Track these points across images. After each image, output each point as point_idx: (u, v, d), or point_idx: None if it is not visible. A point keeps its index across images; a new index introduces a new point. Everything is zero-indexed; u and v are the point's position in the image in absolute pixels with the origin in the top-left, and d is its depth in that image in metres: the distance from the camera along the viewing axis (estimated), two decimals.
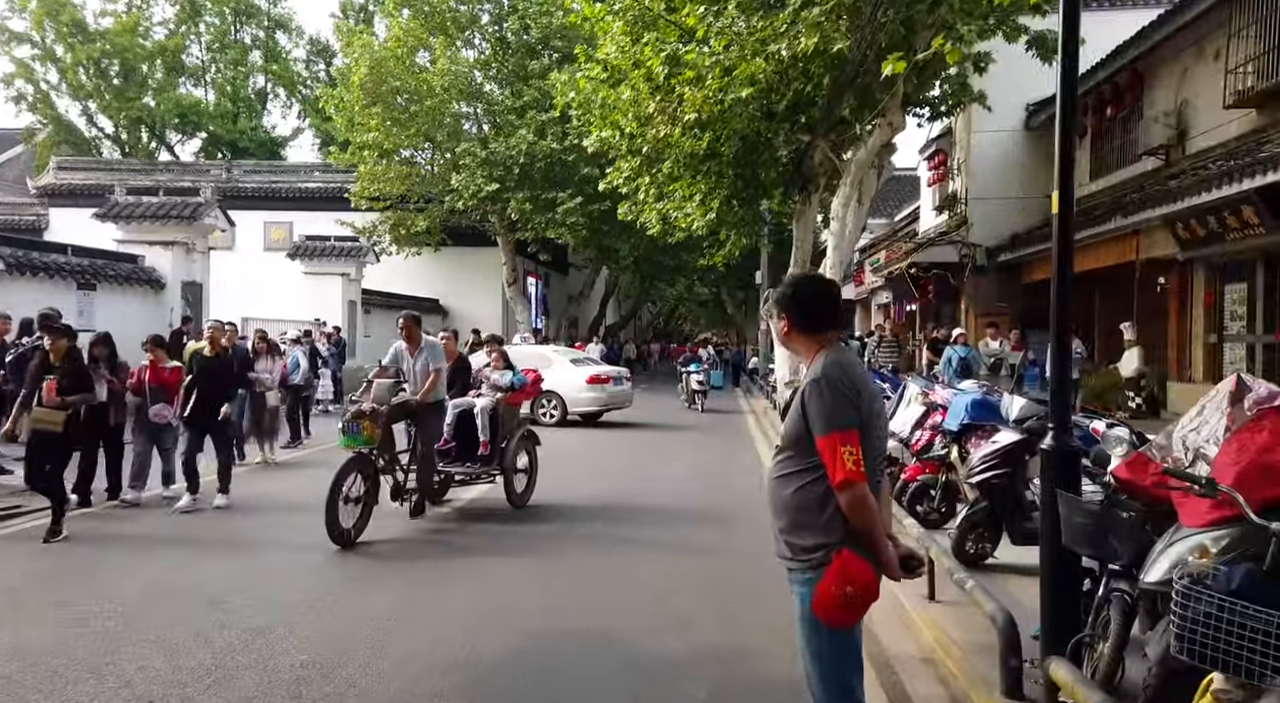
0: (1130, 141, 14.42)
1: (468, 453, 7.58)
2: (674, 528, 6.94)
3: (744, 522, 7.00)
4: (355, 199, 24.03)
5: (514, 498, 7.55)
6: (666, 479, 9.35)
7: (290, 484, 8.84)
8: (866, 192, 13.42)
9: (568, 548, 6.26)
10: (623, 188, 17.09)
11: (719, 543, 6.48)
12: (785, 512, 2.47)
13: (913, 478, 6.56)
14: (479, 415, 7.58)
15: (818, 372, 2.42)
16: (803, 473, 2.43)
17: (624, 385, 15.80)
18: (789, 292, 2.62)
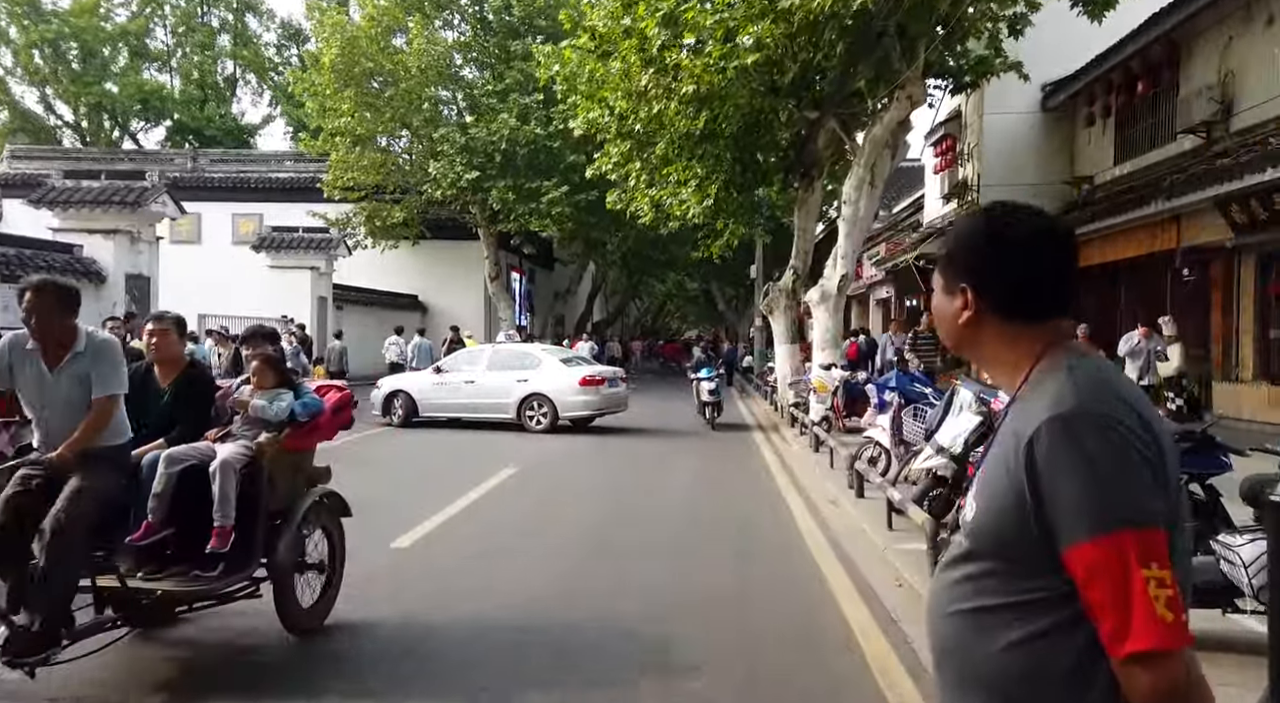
0: (1162, 120, 13.33)
1: (193, 548, 3.87)
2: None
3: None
4: (328, 189, 22.67)
5: (294, 618, 4.12)
6: (660, 522, 8.10)
7: None
8: (880, 174, 12.26)
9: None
10: (611, 174, 15.86)
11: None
12: (987, 685, 1.23)
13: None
14: (216, 478, 3.88)
15: (1069, 403, 1.18)
16: (1028, 611, 1.20)
17: (619, 388, 14.52)
18: (981, 239, 1.35)
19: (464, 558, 5.71)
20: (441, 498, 7.54)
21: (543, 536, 6.37)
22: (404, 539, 6.10)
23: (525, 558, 5.72)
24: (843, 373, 11.31)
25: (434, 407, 14.02)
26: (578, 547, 6.04)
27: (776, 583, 5.18)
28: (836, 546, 6.11)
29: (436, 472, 9.42)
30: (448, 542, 6.16)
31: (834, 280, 12.05)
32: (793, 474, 9.29)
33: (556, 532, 6.48)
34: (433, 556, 5.76)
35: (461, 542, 6.15)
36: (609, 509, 7.36)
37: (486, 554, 5.82)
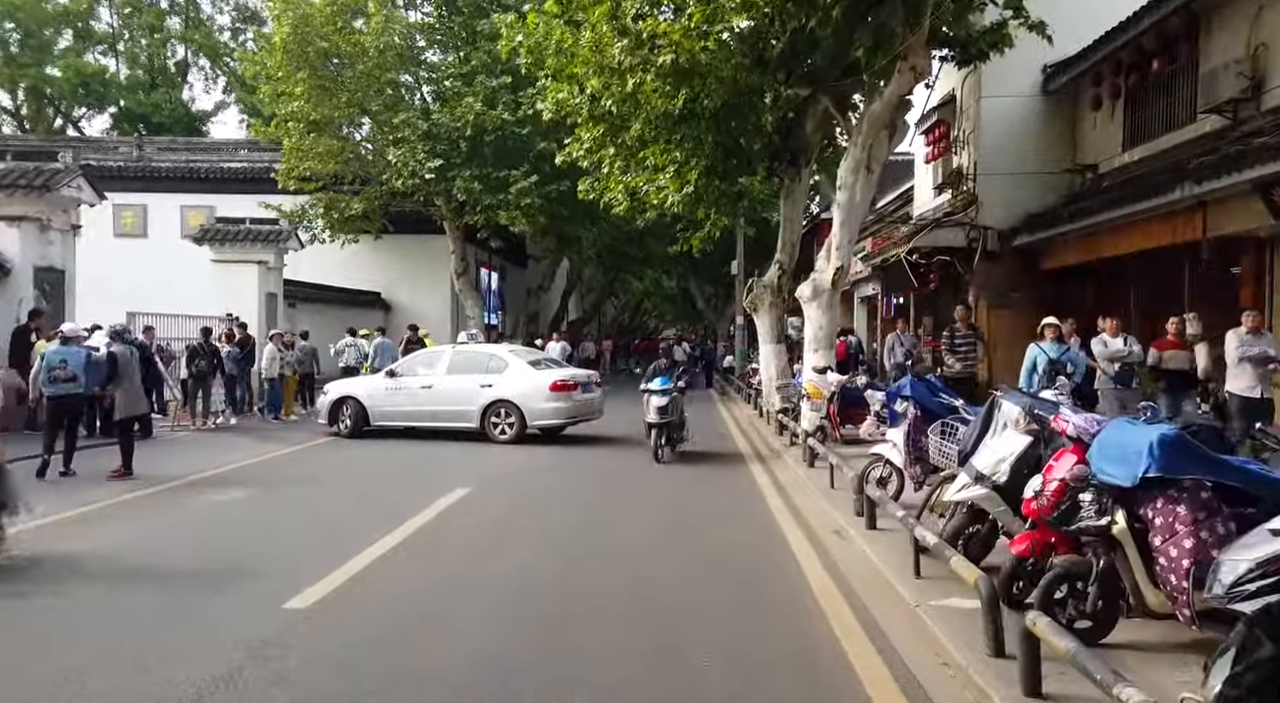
0: (1180, 101, 12.30)
1: None
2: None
3: None
4: (282, 179, 21.20)
5: None
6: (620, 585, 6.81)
7: None
8: (877, 157, 11.13)
9: None
10: (583, 161, 14.62)
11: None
12: None
13: (1028, 554, 4.20)
14: None
15: None
16: None
17: (593, 393, 13.22)
18: None
19: (372, 627, 4.37)
20: (367, 532, 6.26)
21: (481, 590, 5.03)
22: (302, 596, 4.80)
23: (451, 628, 4.40)
24: (839, 377, 10.13)
25: (387, 415, 12.68)
26: (524, 605, 4.76)
27: (785, 667, 3.95)
28: (852, 598, 4.92)
29: (371, 495, 8.12)
30: (358, 600, 4.84)
31: (828, 274, 10.89)
32: (787, 496, 8.11)
33: (500, 584, 5.16)
34: (333, 622, 4.45)
35: (376, 600, 4.82)
36: (569, 549, 6.08)
37: (402, 622, 4.47)
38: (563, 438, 12.66)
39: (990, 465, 4.84)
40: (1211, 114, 11.20)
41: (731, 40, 11.22)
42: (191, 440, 12.10)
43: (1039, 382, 7.98)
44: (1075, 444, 4.27)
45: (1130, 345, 8.91)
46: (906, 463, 6.64)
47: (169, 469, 9.39)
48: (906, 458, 6.63)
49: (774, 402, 13.27)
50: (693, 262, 35.02)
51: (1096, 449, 3.98)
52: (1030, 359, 8.73)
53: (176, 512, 7.29)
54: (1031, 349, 8.77)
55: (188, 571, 5.42)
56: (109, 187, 25.26)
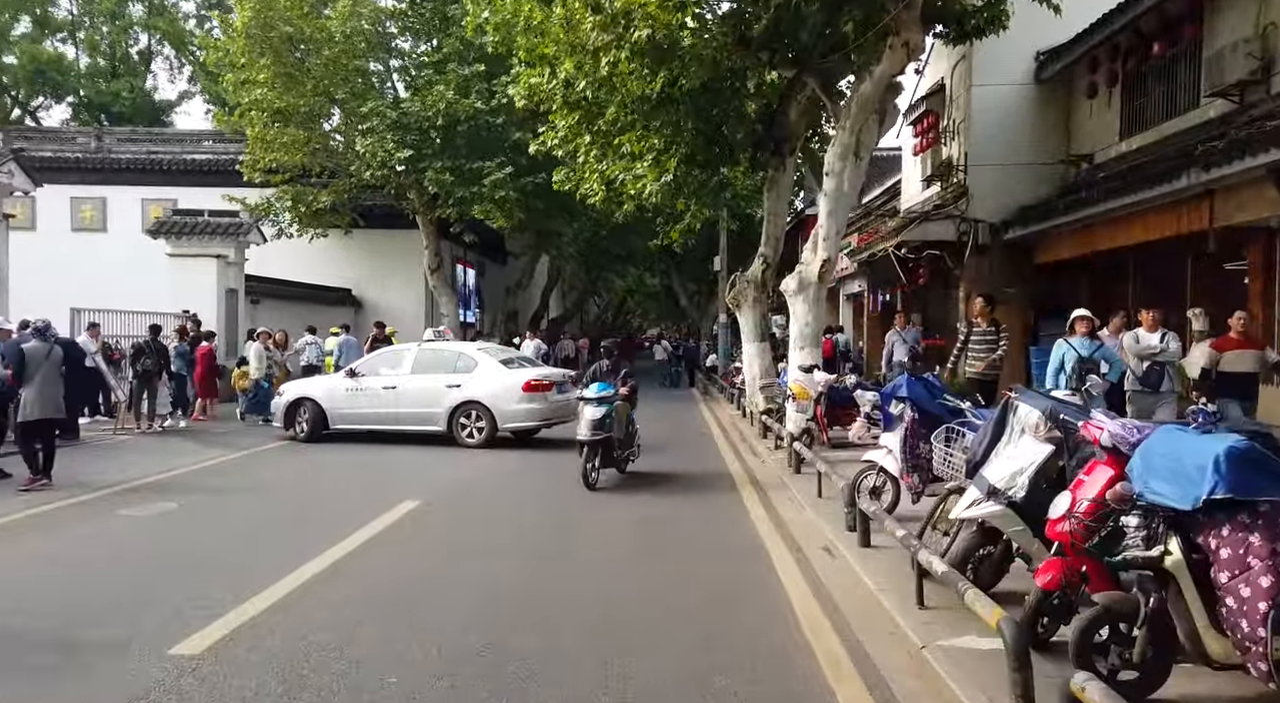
0: (1182, 86, 11.74)
1: None
2: None
3: None
4: (247, 171, 20.28)
5: None
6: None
7: None
8: (866, 143, 10.47)
9: None
10: (558, 150, 13.89)
11: None
12: None
13: (1056, 587, 3.53)
14: None
15: None
16: None
17: (569, 393, 12.42)
18: None
19: (271, 680, 3.66)
20: (290, 558, 5.51)
21: (403, 640, 4.19)
22: (195, 639, 4.05)
23: (363, 686, 3.67)
24: (826, 376, 9.47)
25: (347, 417, 11.88)
26: (456, 661, 4.02)
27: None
28: (845, 633, 4.24)
29: (309, 509, 7.35)
30: (256, 646, 4.05)
31: (814, 266, 10.23)
32: (770, 505, 7.43)
33: (434, 623, 4.40)
34: (223, 674, 3.69)
35: (276, 648, 4.03)
36: (522, 576, 5.32)
37: (306, 671, 3.73)
38: (535, 441, 11.93)
39: (1005, 478, 4.18)
40: (1217, 98, 10.64)
41: (711, 17, 10.56)
42: (133, 445, 11.26)
43: (1068, 383, 7.19)
44: (1110, 456, 3.61)
45: (1167, 342, 7.92)
46: (903, 472, 5.99)
47: (100, 477, 8.59)
48: (903, 466, 5.98)
49: (758, 402, 12.61)
50: (676, 259, 34.39)
51: (1141, 462, 3.31)
52: (1058, 357, 7.75)
53: (83, 528, 6.51)
54: (1059, 346, 7.79)
55: (67, 603, 4.66)
56: (66, 179, 24.38)
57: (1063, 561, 3.60)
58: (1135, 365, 7.77)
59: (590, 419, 8.21)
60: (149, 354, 11.67)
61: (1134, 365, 7.77)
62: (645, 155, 12.38)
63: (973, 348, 9.59)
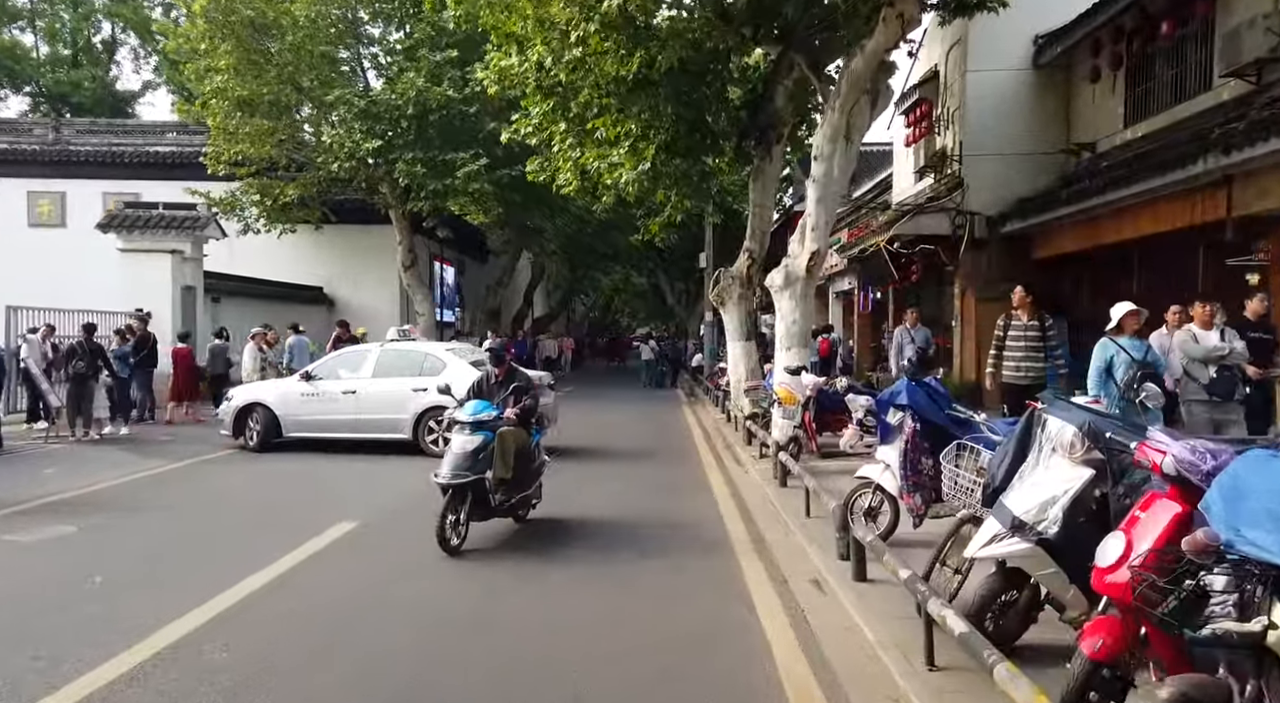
0: (1192, 67, 11.03)
1: None
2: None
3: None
4: (211, 164, 19.35)
5: None
6: None
7: None
8: (858, 126, 9.69)
9: None
10: (531, 138, 13.09)
11: None
12: None
13: (1107, 658, 2.75)
14: None
15: None
16: None
17: (545, 398, 11.54)
18: None
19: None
20: (190, 593, 4.68)
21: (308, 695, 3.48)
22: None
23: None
24: (815, 379, 8.67)
25: (302, 424, 10.97)
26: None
27: None
28: (838, 700, 3.43)
29: (226, 533, 6.47)
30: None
31: (802, 259, 9.44)
32: (753, 525, 6.63)
33: (331, 687, 3.63)
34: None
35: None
36: (443, 624, 4.49)
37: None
38: None
39: (1032, 509, 3.40)
40: (1232, 78, 9.93)
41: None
42: (64, 455, 10.37)
43: (1121, 392, 6.04)
44: (1175, 487, 2.82)
45: (1230, 341, 6.74)
46: (903, 491, 5.21)
47: (8, 493, 7.71)
48: (903, 484, 5.20)
49: (743, 406, 11.83)
50: (662, 256, 33.60)
51: (1222, 500, 2.52)
52: (1102, 359, 6.38)
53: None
54: (1104, 347, 6.45)
55: None
56: (23, 172, 23.37)
57: (1116, 621, 2.82)
58: (1198, 371, 6.51)
59: (455, 453, 5.82)
60: (81, 356, 10.76)
61: (1195, 371, 6.52)
62: (622, 142, 11.57)
63: (1012, 348, 7.92)
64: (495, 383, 6.57)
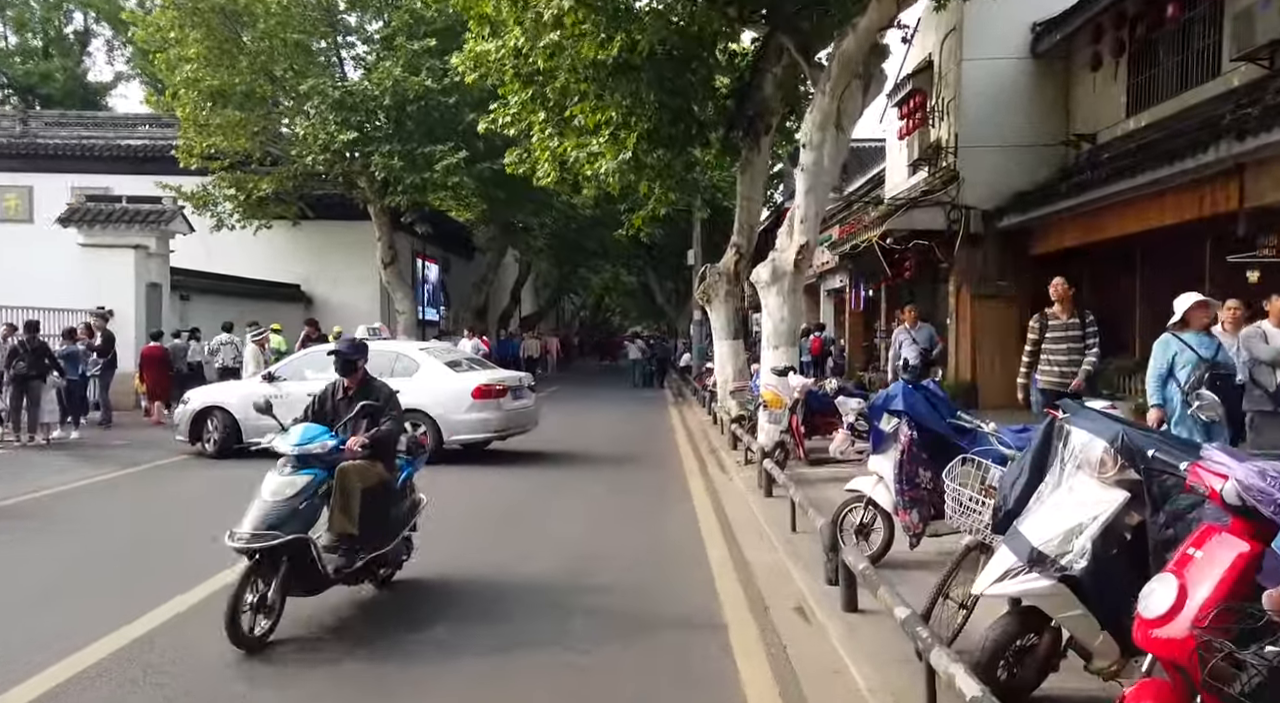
0: (1199, 53, 10.53)
1: None
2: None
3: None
4: (182, 157, 18.71)
5: None
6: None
7: None
8: (849, 112, 9.15)
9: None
10: (509, 128, 12.51)
11: None
12: None
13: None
14: None
15: None
16: None
17: (526, 399, 10.93)
18: None
19: None
20: (64, 635, 4.08)
21: None
22: None
23: None
24: (803, 381, 8.11)
25: (264, 429, 10.30)
26: None
27: None
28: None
29: (138, 558, 5.82)
30: None
31: (790, 253, 8.88)
32: (734, 541, 6.07)
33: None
34: None
35: None
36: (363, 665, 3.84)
37: None
38: (488, 455, 10.41)
39: (1055, 540, 2.85)
40: (1243, 63, 9.42)
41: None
42: (7, 461, 9.73)
43: (1181, 395, 5.21)
44: (1239, 519, 2.27)
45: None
46: (898, 507, 4.66)
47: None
48: (898, 500, 4.65)
49: (729, 408, 11.28)
50: (651, 254, 33.01)
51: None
52: (1164, 359, 5.45)
53: None
54: (1166, 344, 5.49)
55: None
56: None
57: (1166, 687, 2.27)
58: (1264, 376, 5.42)
59: (265, 501, 4.21)
60: (23, 356, 10.11)
61: (1262, 376, 5.43)
62: (602, 130, 11.00)
63: (1052, 350, 6.76)
64: (342, 399, 4.93)
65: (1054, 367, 6.73)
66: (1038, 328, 6.91)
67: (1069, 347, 6.69)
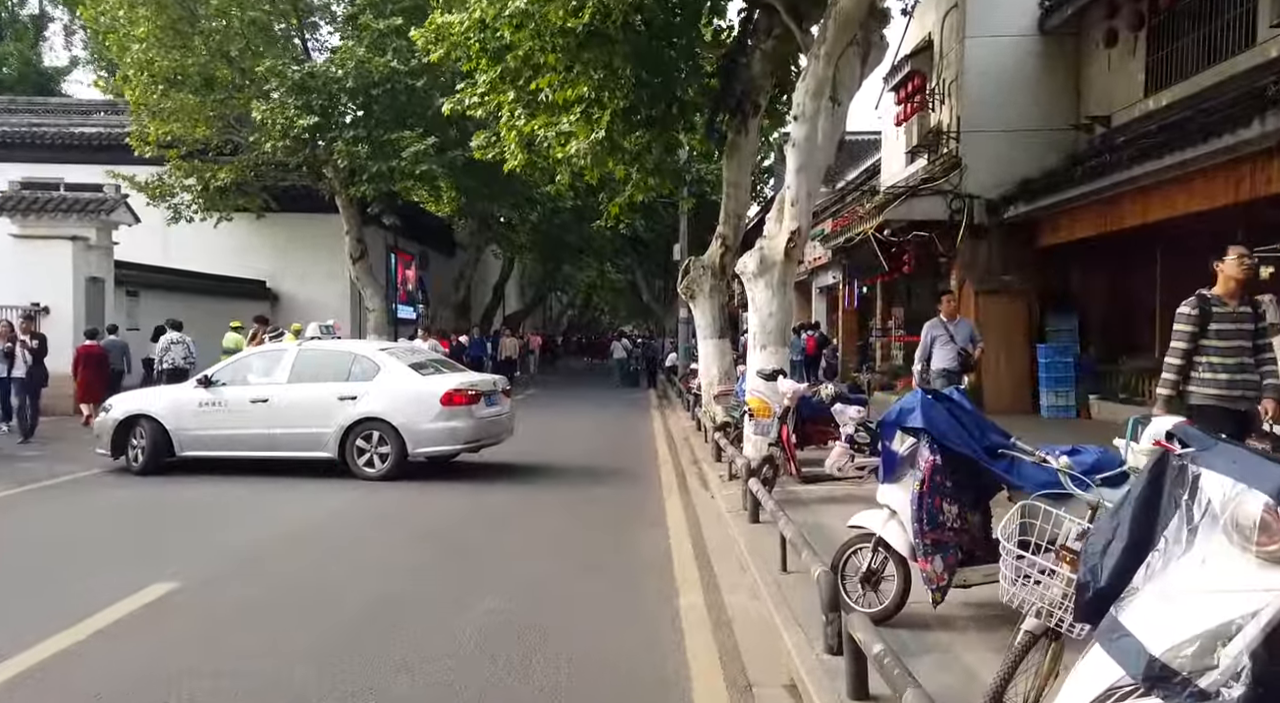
0: (1228, 23, 9.59)
1: None
2: None
3: None
4: (136, 144, 17.56)
5: None
6: None
7: None
8: (846, 84, 8.15)
9: None
10: (477, 110, 11.47)
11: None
12: None
13: None
14: None
15: None
16: None
17: (500, 406, 9.77)
18: None
19: None
20: None
21: None
22: None
23: None
24: (795, 386, 7.09)
25: (201, 441, 9.13)
26: None
27: None
28: None
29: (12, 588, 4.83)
30: None
31: (780, 239, 7.87)
32: (711, 585, 5.05)
33: None
34: None
35: None
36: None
37: None
38: (454, 468, 9.30)
39: (1188, 646, 1.86)
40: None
41: None
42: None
43: None
44: None
45: None
46: (917, 552, 3.65)
47: None
48: (917, 543, 3.64)
49: (714, 413, 10.27)
50: (638, 251, 31.97)
51: None
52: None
53: None
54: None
55: None
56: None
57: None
58: None
59: None
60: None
61: None
62: (573, 107, 9.97)
63: (1219, 350, 4.70)
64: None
65: (1221, 374, 4.67)
66: (1194, 319, 4.71)
67: (1240, 347, 4.69)
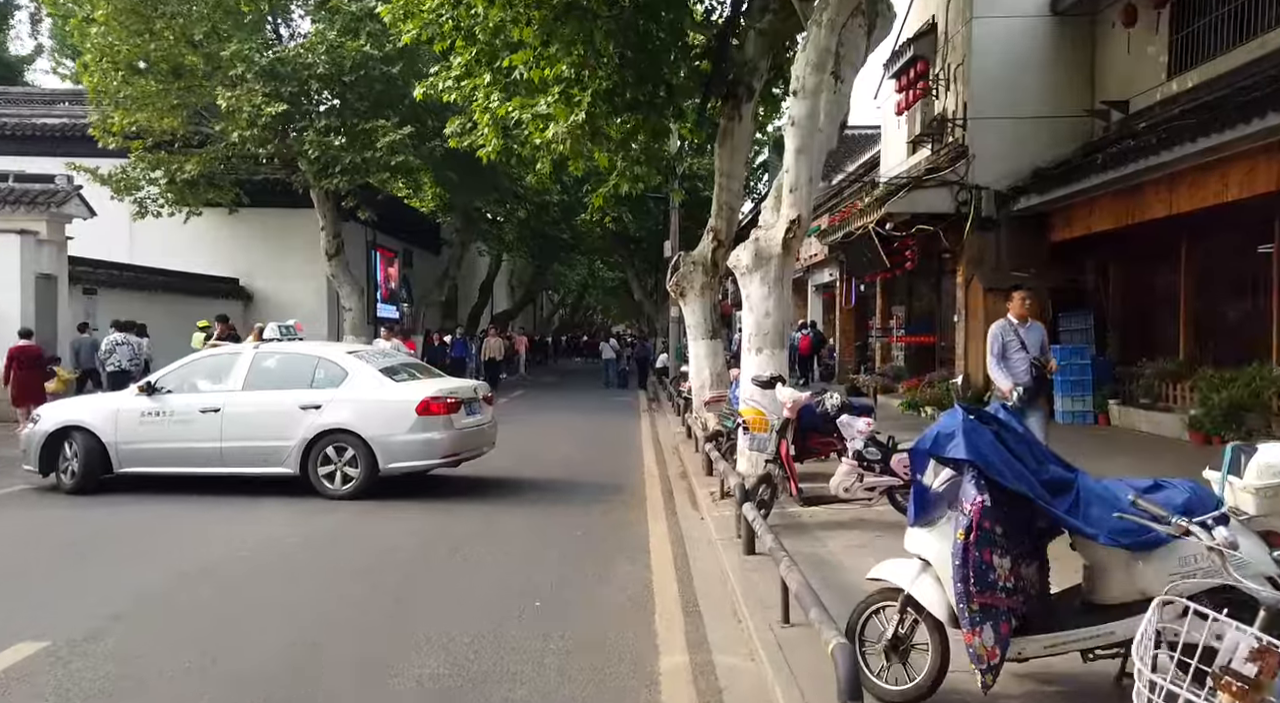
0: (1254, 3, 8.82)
1: None
2: None
3: None
4: (98, 135, 16.65)
5: None
6: None
7: None
8: (849, 59, 7.34)
9: None
10: (450, 94, 10.66)
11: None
12: None
13: None
14: None
15: None
16: None
17: (481, 415, 8.83)
18: None
19: None
20: None
21: None
22: None
23: None
24: (795, 394, 6.26)
25: (143, 456, 8.17)
26: None
27: None
28: None
29: None
30: None
31: (778, 230, 7.05)
32: (699, 638, 4.23)
33: None
34: None
35: None
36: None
37: None
38: (409, 487, 8.41)
39: None
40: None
41: None
42: None
43: None
44: None
45: None
46: (962, 618, 2.85)
47: None
48: (961, 607, 2.83)
49: (706, 421, 9.46)
50: (630, 249, 31.16)
51: None
52: None
53: None
54: None
55: None
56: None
57: None
58: None
59: None
60: None
61: None
62: (551, 87, 9.15)
63: None
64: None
65: None
66: None
67: None
